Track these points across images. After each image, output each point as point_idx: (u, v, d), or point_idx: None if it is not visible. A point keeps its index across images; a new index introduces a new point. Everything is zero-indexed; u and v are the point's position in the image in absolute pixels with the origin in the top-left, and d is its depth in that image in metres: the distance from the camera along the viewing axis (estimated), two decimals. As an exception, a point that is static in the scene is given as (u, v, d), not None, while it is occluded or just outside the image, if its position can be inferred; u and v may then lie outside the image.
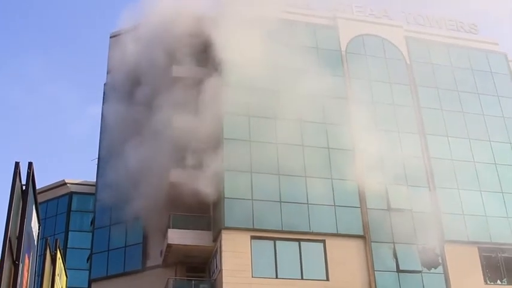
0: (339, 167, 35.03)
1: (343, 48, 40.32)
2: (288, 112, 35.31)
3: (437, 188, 36.47)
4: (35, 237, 15.57)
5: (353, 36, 41.14)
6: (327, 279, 33.09)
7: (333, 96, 36.95)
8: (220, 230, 32.98)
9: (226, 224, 32.92)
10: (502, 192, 38.22)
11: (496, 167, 38.89)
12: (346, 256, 33.82)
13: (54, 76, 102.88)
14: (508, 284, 36.30)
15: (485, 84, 42.17)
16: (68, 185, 48.31)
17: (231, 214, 33.15)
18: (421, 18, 44.21)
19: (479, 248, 36.49)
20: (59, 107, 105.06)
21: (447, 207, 36.21)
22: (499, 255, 37.01)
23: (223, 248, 32.46)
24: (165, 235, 35.00)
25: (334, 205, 34.75)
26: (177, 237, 34.19)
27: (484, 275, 36.00)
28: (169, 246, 34.25)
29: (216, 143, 34.63)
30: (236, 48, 35.89)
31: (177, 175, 35.44)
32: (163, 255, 35.34)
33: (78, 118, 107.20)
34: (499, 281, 36.57)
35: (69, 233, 46.51)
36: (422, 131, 38.66)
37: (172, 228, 34.56)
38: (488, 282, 36.07)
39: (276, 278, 32.53)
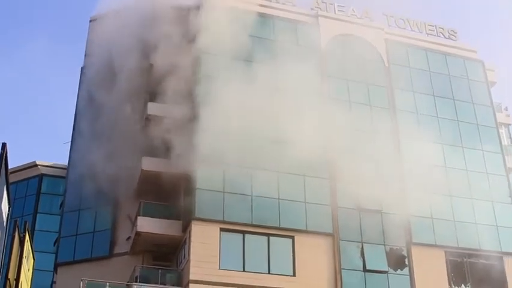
0: (312, 164, 35.02)
1: (323, 47, 40.40)
2: (264, 108, 35.22)
3: (408, 190, 36.65)
4: (4, 218, 15.45)
5: (333, 36, 41.24)
6: (294, 275, 33.20)
7: (309, 93, 36.96)
8: (190, 221, 32.92)
9: (197, 215, 32.88)
10: (472, 199, 38.59)
11: (467, 174, 39.26)
12: (314, 253, 33.93)
13: (33, 56, 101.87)
14: (472, 289, 36.79)
15: (461, 91, 42.52)
16: (39, 167, 47.94)
17: (201, 205, 33.11)
18: (402, 21, 44.46)
19: (446, 252, 36.86)
20: (35, 86, 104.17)
21: (417, 210, 36.47)
22: (465, 260, 37.39)
23: (192, 238, 32.41)
24: (134, 223, 34.85)
25: (305, 202, 34.86)
26: (146, 225, 34.04)
27: (449, 278, 36.38)
28: (138, 233, 34.09)
29: (190, 133, 34.49)
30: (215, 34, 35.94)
31: (149, 163, 35.40)
32: (131, 242, 35.18)
33: (54, 100, 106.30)
34: (463, 286, 36.94)
35: (38, 215, 46.18)
36: (397, 134, 38.84)
37: (142, 216, 34.36)
38: (453, 286, 36.46)
39: (243, 271, 32.57)
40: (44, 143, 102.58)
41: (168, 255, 35.62)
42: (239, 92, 35.05)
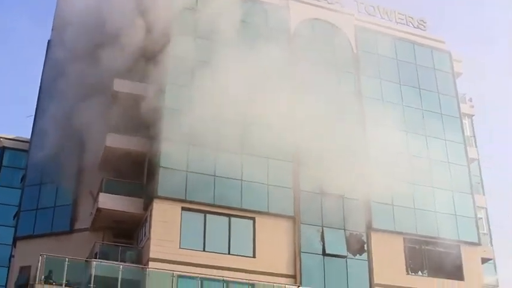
0: (276, 147, 35.09)
1: (292, 30, 40.38)
2: (231, 89, 35.14)
3: (371, 176, 36.86)
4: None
5: (303, 19, 41.22)
6: (254, 257, 33.39)
7: (277, 75, 36.89)
8: (152, 199, 32.87)
9: (159, 193, 32.81)
10: (433, 187, 39.05)
11: (430, 162, 39.67)
12: (274, 235, 34.13)
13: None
14: (428, 276, 37.27)
15: (428, 80, 42.85)
16: (1, 139, 47.35)
17: (164, 184, 33.03)
18: (372, 8, 44.59)
19: (404, 239, 37.33)
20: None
21: (378, 196, 36.81)
22: (423, 247, 37.92)
23: (153, 216, 32.39)
24: (96, 199, 34.69)
25: (268, 184, 34.98)
26: (108, 201, 33.88)
27: (406, 265, 36.89)
28: (99, 210, 33.95)
29: (156, 111, 34.37)
30: None
31: (113, 140, 35.21)
32: (92, 218, 35.03)
33: (19, 72, 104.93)
34: (420, 272, 37.48)
35: (-2, 188, 45.69)
36: (363, 120, 39.02)
37: (104, 192, 34.21)
38: (410, 273, 36.96)
39: (203, 251, 32.65)
40: (6, 115, 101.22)
41: (129, 232, 35.51)
42: (205, 73, 35.00)
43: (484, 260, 41.01)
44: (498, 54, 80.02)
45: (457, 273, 38.05)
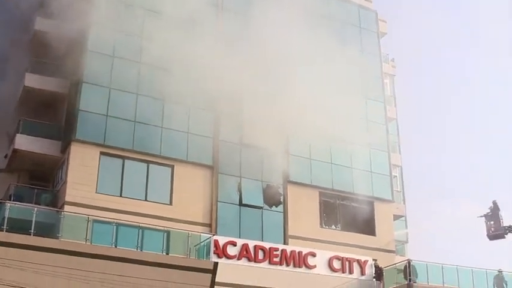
0: (198, 95, 35.00)
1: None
2: (154, 33, 34.76)
3: (290, 130, 37.20)
4: None
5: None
6: (170, 204, 33.53)
7: (201, 22, 36.51)
8: (70, 142, 32.47)
9: (77, 137, 32.44)
10: (351, 144, 39.33)
11: (349, 119, 39.82)
12: (192, 184, 34.28)
13: None
14: (341, 230, 38.21)
15: (352, 37, 43.10)
16: None
17: (82, 127, 32.66)
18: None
19: (320, 193, 38.09)
20: None
21: (296, 150, 37.34)
22: (338, 202, 38.81)
23: (70, 160, 32.09)
24: (12, 140, 34.03)
25: (188, 132, 34.99)
26: (24, 143, 33.26)
27: (321, 218, 37.68)
28: (15, 151, 33.30)
29: (78, 52, 33.76)
30: None
31: (32, 80, 34.57)
32: (7, 159, 34.42)
33: None
34: (333, 226, 38.41)
35: None
36: (284, 74, 38.27)
37: (21, 133, 33.55)
38: (324, 226, 37.82)
39: (120, 196, 32.58)
40: None
41: (46, 175, 35.07)
42: (129, 15, 34.51)
43: (396, 217, 42.36)
44: (423, 17, 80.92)
45: (369, 228, 39.14)
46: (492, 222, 38.00)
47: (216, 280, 28.60)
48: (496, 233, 37.92)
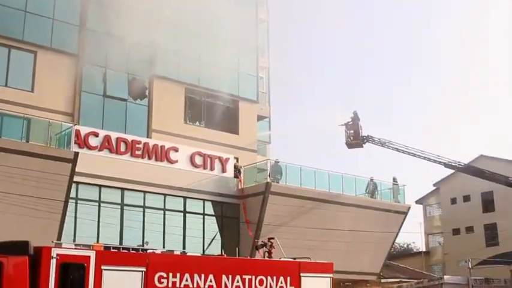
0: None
1: None
2: None
3: (157, 22, 36.13)
4: None
5: None
6: (32, 91, 32.63)
7: None
8: None
9: None
10: (220, 42, 39.06)
11: (218, 18, 38.67)
12: (55, 71, 33.24)
13: None
14: (205, 127, 38.77)
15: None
16: None
17: None
18: None
19: (186, 89, 38.22)
20: None
21: (164, 43, 36.60)
22: (203, 99, 39.12)
23: None
24: None
25: (53, 19, 33.70)
26: None
27: (185, 114, 37.99)
28: None
29: None
30: None
31: None
32: None
33: None
34: (197, 123, 38.87)
35: None
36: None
37: None
38: (188, 122, 38.21)
39: (-21, 81, 31.30)
40: None
41: None
42: None
43: (260, 118, 43.34)
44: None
45: (232, 127, 39.99)
46: (352, 131, 39.67)
47: (76, 170, 28.31)
48: (354, 141, 39.68)
